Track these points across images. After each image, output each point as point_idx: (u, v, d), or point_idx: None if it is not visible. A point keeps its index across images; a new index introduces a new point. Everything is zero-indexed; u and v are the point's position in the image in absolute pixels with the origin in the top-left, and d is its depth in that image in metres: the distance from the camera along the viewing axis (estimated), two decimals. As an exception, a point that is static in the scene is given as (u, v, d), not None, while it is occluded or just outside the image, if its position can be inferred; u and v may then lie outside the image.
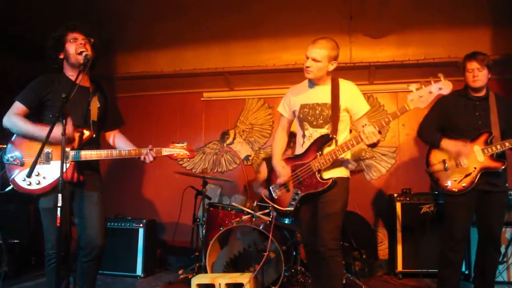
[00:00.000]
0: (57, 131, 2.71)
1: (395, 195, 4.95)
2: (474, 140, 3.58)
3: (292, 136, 3.67)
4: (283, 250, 4.13)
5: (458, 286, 3.67)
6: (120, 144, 3.38)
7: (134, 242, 5.17)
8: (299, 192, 3.29)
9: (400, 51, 5.76)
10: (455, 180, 3.59)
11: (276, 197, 3.41)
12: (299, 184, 3.29)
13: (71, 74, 3.13)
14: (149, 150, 3.11)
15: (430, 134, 3.81)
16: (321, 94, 3.31)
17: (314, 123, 3.29)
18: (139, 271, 5.12)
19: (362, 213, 5.71)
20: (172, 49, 6.17)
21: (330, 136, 3.21)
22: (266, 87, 6.36)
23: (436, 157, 3.73)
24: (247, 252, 4.31)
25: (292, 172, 3.32)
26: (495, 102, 3.63)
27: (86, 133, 3.07)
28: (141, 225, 5.20)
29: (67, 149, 2.93)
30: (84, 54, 2.99)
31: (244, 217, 4.72)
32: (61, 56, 3.13)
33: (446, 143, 3.66)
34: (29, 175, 2.65)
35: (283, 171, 3.32)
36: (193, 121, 6.61)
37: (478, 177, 3.53)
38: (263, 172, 5.36)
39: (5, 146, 3.05)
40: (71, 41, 3.07)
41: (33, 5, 4.94)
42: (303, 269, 4.58)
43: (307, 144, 3.30)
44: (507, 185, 3.66)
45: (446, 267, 3.64)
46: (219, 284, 3.91)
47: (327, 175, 3.22)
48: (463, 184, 3.55)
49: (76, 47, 3.05)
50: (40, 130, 2.92)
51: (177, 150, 3.21)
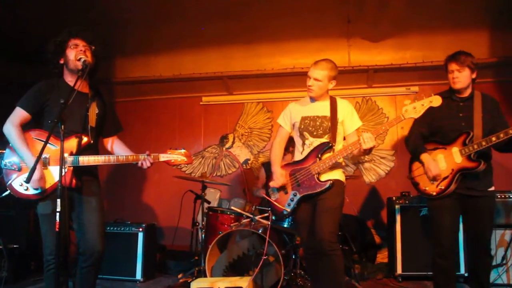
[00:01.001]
0: (37, 174, 2.79)
1: (394, 198, 4.94)
2: (453, 141, 3.52)
3: (290, 140, 3.87)
4: (282, 253, 4.12)
5: None
6: (118, 150, 3.39)
7: (133, 246, 5.15)
8: (297, 193, 3.51)
9: (399, 55, 5.78)
10: (432, 183, 3.56)
11: (274, 199, 3.62)
12: (297, 186, 3.51)
13: (70, 79, 3.13)
14: (147, 156, 3.12)
15: (414, 144, 3.76)
16: (321, 108, 3.59)
17: (315, 133, 3.54)
18: (138, 275, 5.10)
19: (361, 216, 5.73)
20: (171, 54, 6.19)
21: (330, 143, 3.46)
22: (265, 91, 6.39)
23: (417, 163, 3.71)
24: (246, 256, 4.31)
25: (291, 176, 3.56)
26: (480, 102, 3.55)
27: (85, 139, 3.07)
28: (140, 229, 5.19)
29: (65, 155, 2.93)
30: (82, 60, 3.00)
31: (243, 221, 4.72)
32: (61, 62, 3.14)
33: (424, 157, 3.62)
34: (27, 181, 2.65)
35: (281, 177, 3.55)
36: (192, 125, 6.62)
37: (455, 178, 3.47)
38: (262, 177, 5.38)
39: (3, 151, 3.06)
40: (72, 47, 3.08)
41: (31, 9, 4.95)
42: (302, 272, 4.57)
43: (307, 151, 3.54)
44: (492, 188, 3.55)
45: (440, 274, 3.58)
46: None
47: (325, 177, 3.45)
48: (441, 187, 3.51)
49: (76, 54, 3.05)
50: (29, 158, 2.91)
51: (174, 156, 3.22)
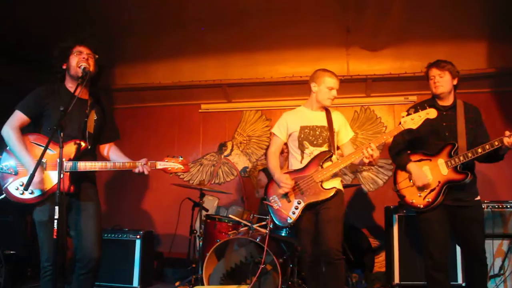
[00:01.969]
0: (37, 177, 2.78)
1: (392, 207, 4.94)
2: (438, 153, 3.50)
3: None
4: (280, 262, 4.12)
5: None
6: (114, 157, 3.38)
7: (131, 253, 5.14)
8: (301, 201, 3.50)
9: (397, 64, 5.82)
10: (419, 196, 3.51)
11: (276, 208, 3.57)
12: (301, 194, 3.51)
13: (70, 85, 3.15)
14: (144, 163, 3.12)
15: (399, 154, 3.74)
16: (318, 118, 3.66)
17: (315, 142, 3.59)
18: (135, 282, 5.08)
19: (359, 225, 5.73)
20: (170, 61, 6.21)
21: (331, 152, 3.53)
22: (263, 99, 6.40)
23: (402, 173, 3.67)
24: (244, 264, 4.31)
25: (294, 184, 3.53)
26: (463, 111, 3.54)
27: (83, 144, 3.08)
28: (138, 236, 5.18)
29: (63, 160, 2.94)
30: (82, 67, 3.02)
31: (241, 229, 4.72)
32: (64, 67, 3.15)
33: (411, 167, 3.58)
34: (27, 187, 2.65)
35: (288, 181, 3.49)
36: (191, 132, 6.63)
37: (442, 191, 3.43)
38: (264, 178, 5.34)
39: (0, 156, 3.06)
40: (75, 54, 3.11)
41: (31, 16, 4.97)
42: (300, 281, 4.56)
43: (307, 159, 3.57)
44: (478, 198, 3.52)
45: (435, 286, 3.53)
46: (216, 296, 3.90)
47: (328, 185, 3.47)
48: (428, 200, 3.46)
49: (78, 61, 3.07)
50: (28, 162, 2.92)
51: (171, 164, 3.22)
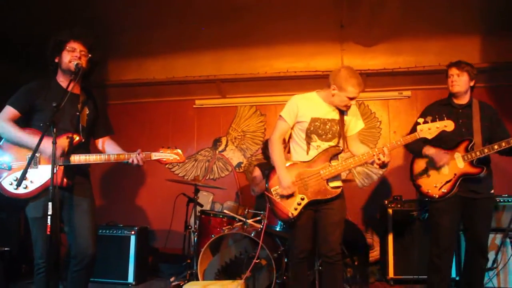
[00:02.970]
0: (46, 143, 2.74)
1: (386, 202, 4.96)
2: (456, 147, 3.67)
3: None
4: (275, 257, 4.13)
5: None
6: (109, 149, 3.37)
7: (125, 249, 5.14)
8: (304, 198, 3.39)
9: (391, 59, 5.81)
10: (435, 186, 3.68)
11: (278, 201, 3.44)
12: (305, 190, 3.39)
13: (62, 80, 3.15)
14: (138, 154, 3.11)
15: (414, 143, 3.82)
16: (331, 111, 3.49)
17: (323, 136, 3.45)
18: (130, 278, 5.09)
19: (353, 220, 5.73)
20: (164, 57, 6.18)
21: (341, 149, 3.45)
22: (258, 95, 6.39)
23: (419, 164, 3.83)
24: (239, 260, 4.31)
25: (298, 178, 3.41)
26: (478, 109, 3.71)
27: (76, 138, 3.07)
28: (132, 232, 5.18)
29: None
30: (75, 63, 3.01)
31: (236, 225, 4.73)
32: (56, 60, 3.14)
33: (428, 150, 3.73)
34: (19, 184, 2.64)
35: (292, 186, 3.38)
36: (185, 128, 6.61)
37: (458, 183, 3.61)
38: (259, 176, 5.29)
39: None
40: (69, 49, 3.08)
41: (24, 10, 4.93)
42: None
43: (314, 152, 3.44)
44: (492, 191, 3.71)
45: (435, 274, 3.69)
46: (211, 291, 3.90)
47: (334, 184, 3.41)
48: (443, 190, 3.63)
49: (71, 58, 3.06)
50: (31, 139, 2.92)
51: (167, 154, 3.20)
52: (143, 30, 5.77)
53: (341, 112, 3.49)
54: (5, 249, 5.04)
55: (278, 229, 4.55)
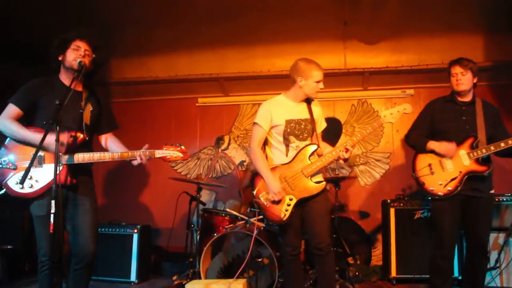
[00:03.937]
0: (50, 138, 2.74)
1: (389, 200, 4.96)
2: (460, 144, 3.64)
3: None
4: (277, 255, 4.13)
5: None
6: (112, 146, 3.38)
7: (128, 247, 5.16)
8: (293, 197, 3.46)
9: (394, 57, 5.80)
10: (440, 184, 3.63)
11: (267, 206, 3.49)
12: (291, 190, 3.47)
13: (64, 77, 3.16)
14: (142, 152, 3.11)
15: (417, 138, 3.88)
16: (303, 111, 3.64)
17: (300, 136, 3.57)
18: (133, 277, 5.10)
19: (356, 219, 5.74)
20: (167, 55, 6.18)
21: (317, 146, 3.57)
22: (260, 93, 6.36)
23: (422, 161, 3.78)
24: (241, 258, 4.31)
25: (283, 180, 3.50)
26: (481, 107, 3.70)
27: (80, 136, 3.07)
28: (135, 230, 5.19)
29: (60, 153, 2.93)
30: (78, 60, 3.01)
31: (238, 223, 4.73)
32: (60, 58, 3.14)
33: (432, 144, 3.72)
34: (22, 182, 2.64)
35: (281, 194, 3.43)
36: (188, 126, 6.61)
37: (463, 181, 3.58)
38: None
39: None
40: (73, 48, 3.09)
41: (25, 9, 4.94)
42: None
43: (293, 153, 3.54)
44: (492, 191, 3.68)
45: (438, 275, 3.66)
46: (213, 290, 3.90)
47: (317, 179, 3.48)
48: (449, 188, 3.60)
49: (75, 57, 3.06)
50: (35, 136, 2.93)
51: (170, 152, 3.20)
52: (146, 29, 5.78)
53: (310, 111, 3.62)
54: (9, 247, 5.08)
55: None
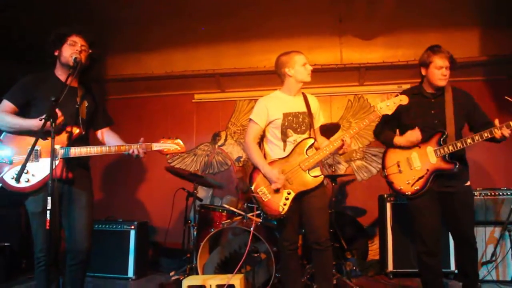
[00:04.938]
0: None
1: (385, 195, 4.97)
2: (427, 140, 3.50)
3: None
4: (274, 250, 4.13)
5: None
6: (110, 140, 3.38)
7: (125, 244, 5.15)
8: (291, 191, 3.44)
9: (390, 53, 5.81)
10: (408, 183, 3.53)
11: (265, 200, 3.48)
12: (289, 184, 3.45)
13: (60, 73, 3.16)
14: (139, 144, 3.11)
15: (384, 133, 3.80)
16: (299, 104, 3.63)
17: (298, 129, 3.56)
18: (130, 273, 5.10)
19: (352, 214, 5.75)
20: (163, 51, 6.17)
21: (314, 139, 3.53)
22: (257, 89, 6.36)
23: (391, 159, 3.68)
24: (238, 254, 4.31)
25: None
26: (451, 97, 3.51)
27: (76, 130, 3.07)
28: (132, 227, 5.19)
29: (57, 147, 2.93)
30: (74, 57, 3.01)
31: (235, 219, 4.73)
32: (56, 53, 3.14)
33: (398, 140, 3.63)
34: (18, 177, 2.64)
35: (281, 178, 3.41)
36: (184, 122, 6.61)
37: (431, 179, 3.46)
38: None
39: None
40: (70, 43, 3.09)
41: (22, 7, 4.92)
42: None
43: (291, 147, 3.52)
44: (468, 183, 3.54)
45: (426, 271, 3.58)
46: (210, 285, 3.89)
47: (315, 173, 3.45)
48: (416, 187, 3.49)
49: (71, 53, 3.06)
50: (29, 122, 2.95)
51: (167, 145, 3.19)
52: (142, 25, 5.77)
53: (307, 104, 3.62)
54: (6, 244, 5.07)
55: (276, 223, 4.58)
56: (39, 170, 2.97)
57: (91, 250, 3.13)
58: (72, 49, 3.07)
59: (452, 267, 4.60)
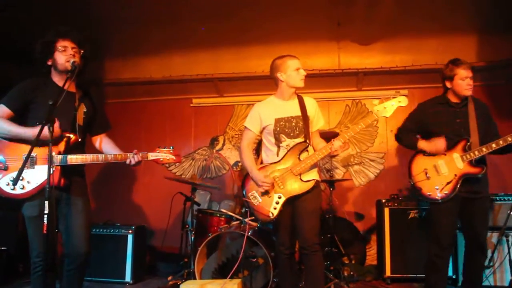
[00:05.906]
0: (43, 131, 2.72)
1: (383, 200, 4.97)
2: (453, 148, 3.65)
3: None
4: (272, 255, 4.13)
5: None
6: (106, 148, 3.37)
7: (123, 248, 5.14)
8: (281, 196, 3.46)
9: (388, 58, 5.82)
10: (437, 188, 3.64)
11: (256, 204, 3.51)
12: (280, 188, 3.47)
13: (57, 79, 3.13)
14: (134, 154, 3.10)
15: (408, 138, 3.91)
16: (292, 108, 3.60)
17: (291, 134, 3.55)
18: (128, 277, 5.09)
19: (350, 219, 5.75)
20: (161, 55, 6.17)
21: (308, 143, 3.51)
22: (255, 93, 6.35)
23: (418, 167, 3.79)
24: (236, 258, 4.30)
25: (272, 179, 3.49)
26: (473, 107, 3.69)
27: (72, 137, 3.06)
28: (130, 231, 5.18)
29: (53, 154, 2.92)
30: (71, 61, 2.99)
31: (233, 223, 4.73)
32: (49, 63, 3.11)
33: (422, 144, 3.76)
34: (14, 183, 2.62)
35: (267, 181, 3.44)
36: (183, 127, 6.61)
37: (459, 183, 3.59)
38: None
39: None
40: (60, 49, 3.06)
41: (19, 9, 4.92)
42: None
43: (284, 152, 3.52)
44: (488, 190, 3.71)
45: (434, 273, 3.68)
46: (207, 290, 3.90)
47: (307, 177, 3.45)
48: (445, 192, 3.61)
49: (66, 58, 3.04)
50: (25, 130, 2.92)
51: (163, 154, 3.19)
52: (140, 29, 5.76)
53: (302, 108, 3.59)
54: (2, 248, 5.05)
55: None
56: (34, 177, 2.95)
57: (90, 254, 3.11)
58: (65, 55, 3.04)
59: (450, 272, 4.60)
